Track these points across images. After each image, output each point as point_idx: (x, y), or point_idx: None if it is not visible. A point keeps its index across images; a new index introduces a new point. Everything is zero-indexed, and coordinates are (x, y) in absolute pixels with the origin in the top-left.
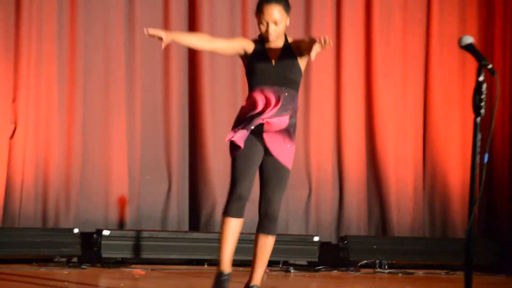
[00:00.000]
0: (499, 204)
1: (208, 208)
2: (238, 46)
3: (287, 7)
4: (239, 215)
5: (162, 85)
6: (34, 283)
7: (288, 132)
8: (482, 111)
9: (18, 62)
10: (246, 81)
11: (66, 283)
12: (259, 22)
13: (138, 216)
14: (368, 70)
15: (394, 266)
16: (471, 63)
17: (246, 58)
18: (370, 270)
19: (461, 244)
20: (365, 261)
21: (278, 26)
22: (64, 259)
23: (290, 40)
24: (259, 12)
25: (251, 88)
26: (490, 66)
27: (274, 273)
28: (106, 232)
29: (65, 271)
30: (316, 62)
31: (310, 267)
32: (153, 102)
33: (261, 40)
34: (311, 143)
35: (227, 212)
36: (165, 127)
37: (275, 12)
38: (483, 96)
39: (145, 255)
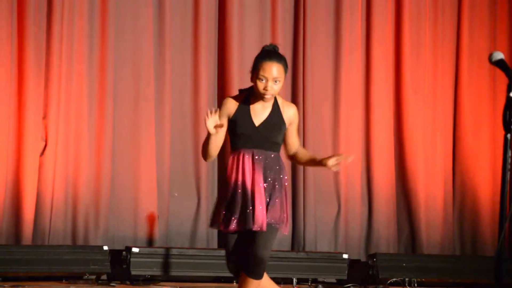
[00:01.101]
0: None
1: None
2: (226, 122)
3: (286, 67)
4: (235, 274)
5: (191, 102)
6: None
7: (280, 197)
8: None
9: (48, 79)
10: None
11: None
12: (257, 78)
13: (167, 233)
14: (397, 86)
15: (424, 284)
16: (502, 79)
17: (229, 120)
18: None
19: (491, 262)
20: (394, 279)
21: (277, 85)
22: (93, 277)
23: (280, 101)
24: (258, 68)
25: (233, 149)
26: None
27: None
28: (135, 250)
29: None
30: (346, 78)
31: (339, 284)
32: (182, 118)
33: (247, 95)
34: None
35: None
36: (194, 143)
37: (275, 70)
38: None
39: (174, 272)
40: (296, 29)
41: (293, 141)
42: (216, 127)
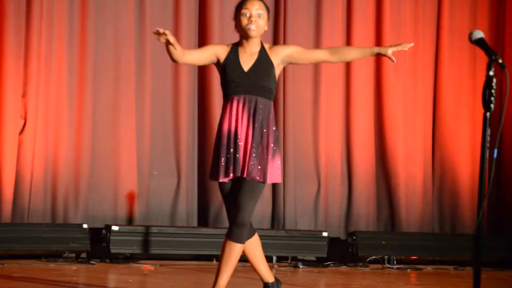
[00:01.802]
0: (508, 199)
1: (217, 203)
2: (210, 54)
3: (267, 9)
4: (250, 234)
5: (172, 81)
6: (43, 279)
7: (267, 146)
8: (492, 106)
9: (28, 57)
10: None
11: (75, 278)
12: (240, 15)
13: (147, 211)
14: (378, 65)
15: (403, 262)
16: (482, 58)
17: (219, 66)
18: (379, 266)
19: (470, 239)
20: (373, 257)
21: (260, 21)
22: (73, 255)
23: (266, 46)
24: (241, 6)
25: (225, 97)
26: (500, 61)
27: (283, 268)
28: (115, 228)
29: (74, 267)
30: None
31: (319, 262)
32: (163, 98)
33: (236, 46)
34: (320, 138)
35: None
36: (174, 123)
37: (257, 5)
38: (493, 91)
39: (154, 250)
40: (277, 10)
41: (311, 53)
42: (167, 41)
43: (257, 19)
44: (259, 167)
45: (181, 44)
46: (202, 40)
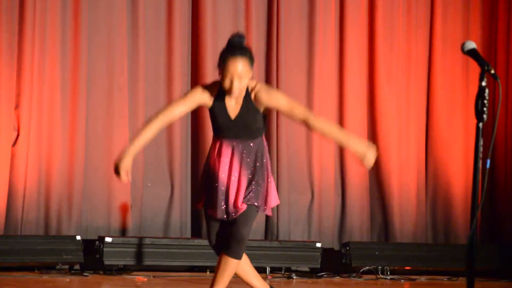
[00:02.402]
0: (502, 209)
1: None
2: (194, 104)
3: (251, 60)
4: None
5: (165, 91)
6: None
7: (262, 178)
8: (485, 116)
9: (20, 68)
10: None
11: None
12: (223, 76)
13: (140, 222)
14: (371, 75)
15: (397, 272)
16: (474, 68)
17: (208, 108)
18: (373, 276)
19: (463, 249)
20: (367, 267)
21: (242, 81)
22: (66, 266)
23: (250, 87)
24: (223, 64)
25: (214, 136)
26: (493, 71)
27: (276, 279)
28: (108, 239)
29: (67, 279)
30: (319, 66)
31: (312, 273)
32: (156, 107)
33: (219, 89)
34: (314, 148)
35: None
36: (167, 133)
37: (240, 66)
38: (485, 101)
39: (147, 262)
40: (270, 14)
41: (294, 112)
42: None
43: (240, 80)
44: (257, 197)
45: (174, 53)
46: (195, 49)
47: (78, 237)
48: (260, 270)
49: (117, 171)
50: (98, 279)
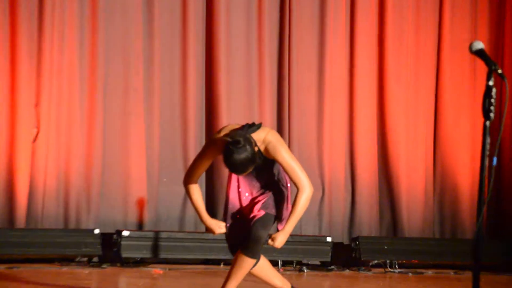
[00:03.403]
0: (507, 206)
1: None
2: (211, 160)
3: (252, 163)
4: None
5: (179, 91)
6: (57, 283)
7: (272, 190)
8: (492, 115)
9: (40, 68)
10: (262, 84)
11: (87, 282)
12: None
13: (156, 217)
14: (380, 75)
15: (405, 266)
16: (482, 68)
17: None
18: (381, 270)
19: (470, 244)
20: (376, 261)
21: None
22: (85, 259)
23: (260, 140)
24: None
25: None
26: (500, 71)
27: (288, 272)
28: (125, 233)
29: (86, 271)
30: (330, 67)
31: (323, 266)
32: (171, 107)
33: None
34: (324, 146)
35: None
36: (182, 130)
37: (241, 174)
38: (492, 100)
39: (163, 255)
40: (282, 16)
41: (288, 175)
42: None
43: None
44: (273, 206)
45: (189, 54)
46: (209, 50)
47: (97, 231)
48: (272, 263)
49: (213, 232)
50: (116, 271)
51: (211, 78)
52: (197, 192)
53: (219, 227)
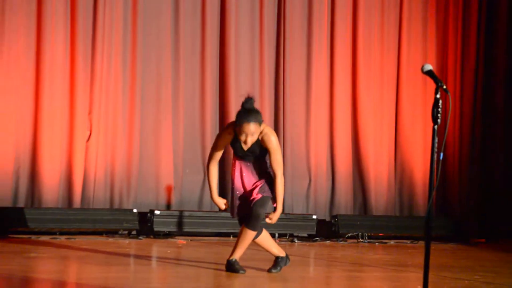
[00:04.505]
0: (451, 190)
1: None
2: (224, 147)
3: (260, 121)
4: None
5: (199, 100)
6: (104, 250)
7: (266, 180)
8: (439, 120)
9: (92, 84)
10: (262, 93)
11: (127, 249)
12: (239, 133)
13: (181, 199)
14: (353, 87)
15: (373, 238)
16: (431, 84)
17: (230, 143)
18: (355, 241)
19: (422, 220)
20: (350, 234)
21: (253, 137)
22: (126, 232)
23: (263, 132)
24: (239, 125)
25: (234, 157)
26: (445, 87)
27: (282, 243)
28: (157, 212)
29: (127, 241)
30: (315, 79)
31: (309, 238)
32: (193, 114)
33: (236, 132)
34: (311, 143)
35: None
36: (201, 133)
37: (251, 128)
38: (439, 109)
39: (186, 229)
40: (278, 43)
41: (272, 163)
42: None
43: (251, 137)
44: (269, 191)
45: (206, 72)
46: (222, 70)
47: (135, 210)
48: (271, 236)
49: (219, 207)
50: (150, 242)
51: (223, 90)
52: (214, 174)
53: (224, 204)
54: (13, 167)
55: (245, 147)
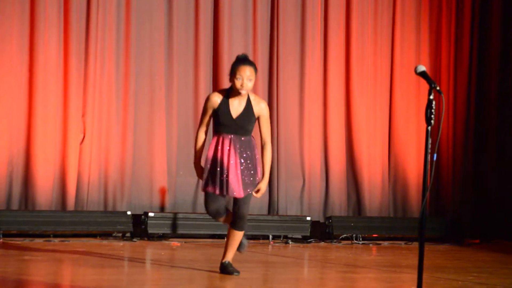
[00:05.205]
0: (445, 191)
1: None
2: (212, 110)
3: (256, 69)
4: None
5: (193, 103)
6: (98, 252)
7: (254, 167)
8: (432, 121)
9: (86, 87)
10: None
11: (121, 252)
12: (235, 78)
13: (174, 201)
14: (347, 89)
15: (367, 239)
16: (424, 85)
17: (214, 111)
18: (349, 242)
19: (416, 221)
20: (345, 235)
21: (250, 82)
22: (120, 234)
23: (252, 98)
24: (235, 71)
25: (216, 133)
26: (438, 88)
27: (276, 244)
28: (151, 214)
29: (121, 243)
30: (308, 82)
31: (304, 239)
32: (186, 116)
33: (227, 95)
34: (305, 144)
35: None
36: (195, 133)
37: (248, 71)
38: (433, 111)
39: (180, 231)
40: (271, 49)
41: (263, 131)
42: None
43: (248, 82)
44: (249, 183)
45: (200, 75)
46: (215, 73)
47: (129, 212)
48: (265, 237)
49: (198, 175)
50: (144, 244)
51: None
52: (201, 139)
53: (203, 174)
54: (7, 170)
55: (234, 114)
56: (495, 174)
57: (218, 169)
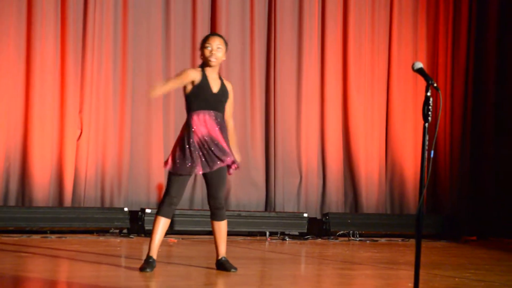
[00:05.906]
0: (442, 188)
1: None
2: (188, 81)
3: (226, 44)
4: (169, 216)
5: None
6: (95, 248)
7: (223, 139)
8: (429, 118)
9: (83, 84)
10: (253, 95)
11: (118, 248)
12: (204, 48)
13: None
14: (344, 87)
15: (364, 235)
16: (421, 82)
17: (193, 86)
18: (346, 238)
19: (413, 218)
20: (342, 232)
21: (219, 52)
22: (117, 231)
23: (225, 81)
24: (204, 40)
25: (196, 109)
26: (435, 85)
27: (274, 241)
28: (148, 210)
29: (118, 240)
30: (305, 80)
31: (301, 236)
32: (182, 114)
33: (203, 71)
34: (302, 142)
35: (160, 213)
36: None
37: (217, 40)
38: (430, 107)
39: (177, 227)
40: (268, 47)
41: (228, 109)
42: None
43: (216, 52)
44: (229, 157)
45: (196, 53)
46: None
47: (126, 209)
48: (262, 234)
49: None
50: (140, 240)
51: None
52: (167, 88)
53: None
54: (4, 166)
55: (214, 88)
56: (492, 171)
57: (207, 147)
